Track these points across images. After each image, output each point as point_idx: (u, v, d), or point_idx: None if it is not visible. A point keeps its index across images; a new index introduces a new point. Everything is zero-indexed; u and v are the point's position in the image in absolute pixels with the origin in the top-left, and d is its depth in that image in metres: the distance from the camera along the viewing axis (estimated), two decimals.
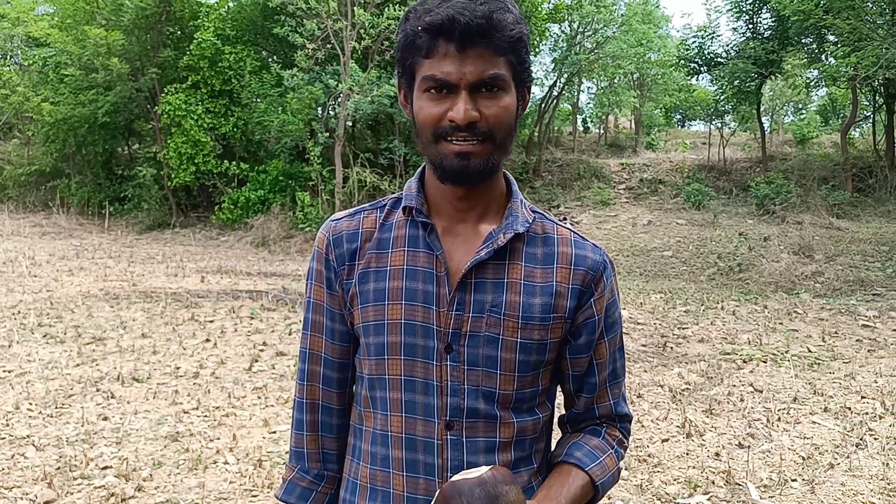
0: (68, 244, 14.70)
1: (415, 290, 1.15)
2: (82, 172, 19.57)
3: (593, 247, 1.22)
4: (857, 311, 8.65)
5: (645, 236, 14.90)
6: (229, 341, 6.93)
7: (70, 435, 4.45)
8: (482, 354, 1.13)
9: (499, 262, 1.16)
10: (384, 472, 1.17)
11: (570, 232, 1.22)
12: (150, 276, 10.90)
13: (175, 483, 3.83)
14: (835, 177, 17.21)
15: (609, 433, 1.26)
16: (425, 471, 1.15)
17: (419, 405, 1.15)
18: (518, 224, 1.17)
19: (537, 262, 1.17)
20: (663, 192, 18.84)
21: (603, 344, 1.22)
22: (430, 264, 1.16)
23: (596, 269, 1.19)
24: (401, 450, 1.16)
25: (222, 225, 17.06)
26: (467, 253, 1.16)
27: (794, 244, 12.45)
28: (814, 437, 4.60)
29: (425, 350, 1.14)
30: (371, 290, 1.18)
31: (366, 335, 1.19)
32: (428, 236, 1.17)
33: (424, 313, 1.15)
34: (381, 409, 1.18)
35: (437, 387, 1.13)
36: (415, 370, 1.15)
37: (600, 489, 1.18)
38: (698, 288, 10.68)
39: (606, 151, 24.02)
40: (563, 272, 1.17)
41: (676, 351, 6.82)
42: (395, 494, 1.16)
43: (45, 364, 5.96)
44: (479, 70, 1.07)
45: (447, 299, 1.14)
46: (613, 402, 1.26)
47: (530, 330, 1.14)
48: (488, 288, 1.15)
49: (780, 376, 5.93)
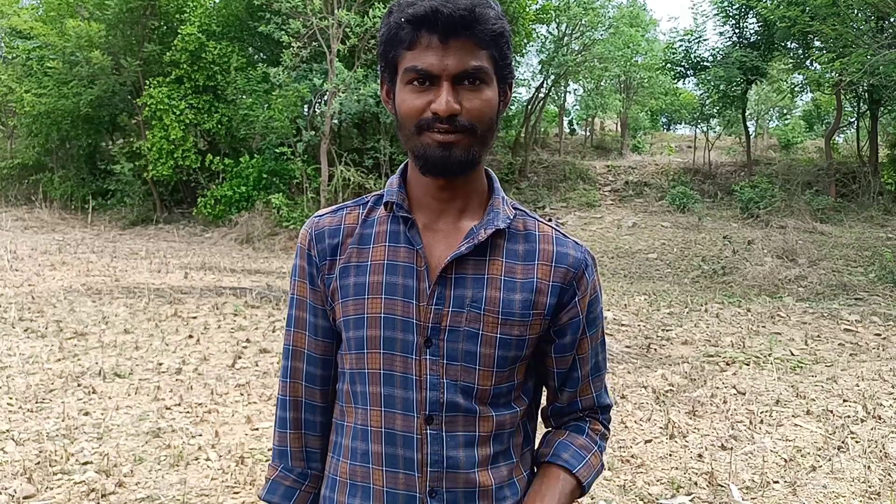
0: (51, 238, 14.53)
1: (395, 284, 1.15)
2: (65, 166, 19.36)
3: (575, 244, 1.22)
4: (839, 315, 8.73)
5: (630, 238, 14.96)
6: (212, 338, 6.88)
7: (50, 430, 4.39)
8: (461, 349, 1.13)
9: (479, 257, 1.16)
10: (364, 467, 1.17)
11: (551, 229, 1.22)
12: (132, 272, 10.80)
13: (156, 479, 3.79)
14: (819, 182, 17.38)
15: (592, 428, 1.29)
16: (405, 465, 1.14)
17: (398, 399, 1.14)
18: (499, 220, 1.16)
19: (518, 258, 1.17)
20: (648, 195, 18.94)
21: (585, 340, 1.23)
22: (410, 259, 1.16)
23: (577, 266, 1.19)
24: (380, 444, 1.15)
25: (206, 221, 16.94)
26: (448, 248, 1.16)
27: (777, 248, 12.55)
28: (796, 440, 4.64)
29: (404, 344, 1.14)
30: (351, 285, 1.18)
31: (346, 329, 1.19)
32: (408, 231, 1.17)
33: (404, 307, 1.14)
34: (362, 404, 1.17)
35: (417, 381, 1.13)
36: (394, 364, 1.14)
37: (586, 488, 1.23)
38: (682, 290, 10.74)
39: (592, 153, 24.12)
40: (543, 269, 1.17)
41: (660, 353, 6.85)
42: (375, 489, 1.15)
43: (26, 358, 5.89)
44: (462, 62, 1.07)
45: (427, 294, 1.14)
46: (596, 394, 1.28)
47: (510, 325, 1.14)
48: (468, 283, 1.14)
49: (762, 379, 5.97)
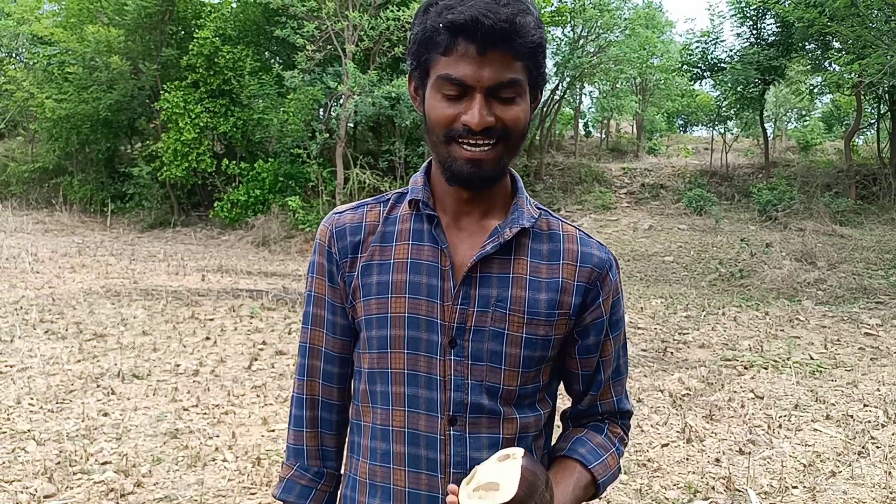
0: (70, 241, 14.70)
1: (419, 283, 1.14)
2: (85, 170, 19.58)
3: (598, 245, 1.21)
4: (859, 319, 8.63)
5: (646, 241, 14.89)
6: (229, 340, 6.92)
7: (70, 430, 4.44)
8: (487, 349, 1.12)
9: (504, 256, 1.15)
10: (384, 467, 1.16)
11: (574, 229, 1.22)
12: (151, 274, 10.89)
13: (174, 480, 3.82)
14: (838, 184, 17.20)
15: (611, 430, 1.26)
16: (427, 466, 1.13)
17: (422, 400, 1.13)
18: (524, 219, 1.16)
19: (543, 257, 1.17)
20: (665, 197, 18.83)
21: (609, 342, 1.22)
22: (434, 258, 1.15)
23: (602, 266, 1.18)
24: (403, 444, 1.14)
25: (223, 224, 17.06)
26: (472, 247, 1.15)
27: (796, 251, 12.43)
28: (815, 445, 4.59)
29: (429, 344, 1.13)
30: (374, 283, 1.17)
31: (368, 328, 1.18)
32: (434, 230, 1.16)
33: (429, 307, 1.13)
34: (382, 404, 1.16)
35: (441, 381, 1.12)
36: (418, 364, 1.14)
37: (601, 487, 1.19)
38: (699, 293, 10.67)
39: (608, 156, 24.02)
40: (568, 269, 1.16)
41: (677, 356, 6.80)
42: (396, 490, 1.15)
43: (47, 360, 5.96)
44: (497, 75, 1.05)
45: (452, 293, 1.13)
46: (616, 398, 1.26)
47: (535, 325, 1.13)
48: (493, 282, 1.13)
49: (781, 383, 5.91)
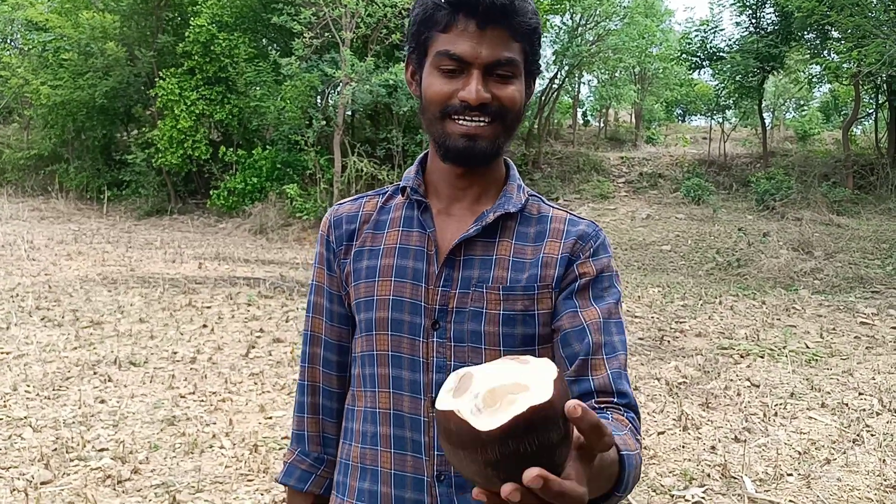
0: (67, 229, 14.66)
1: (405, 267, 1.16)
2: (81, 157, 19.51)
3: (589, 223, 1.20)
4: (855, 308, 8.65)
5: (644, 230, 14.89)
6: (226, 327, 6.92)
7: (67, 417, 4.44)
8: (467, 330, 1.12)
9: (488, 239, 1.15)
10: (373, 449, 1.16)
11: (565, 213, 1.21)
12: (147, 262, 10.88)
13: (171, 466, 3.82)
14: (836, 173, 17.20)
15: (616, 418, 1.05)
16: (413, 448, 1.13)
17: (406, 381, 1.14)
18: (510, 204, 1.16)
19: (529, 240, 1.16)
20: (663, 187, 18.82)
21: (594, 309, 1.11)
22: (421, 243, 1.17)
23: (586, 238, 1.16)
24: (389, 426, 1.15)
25: (220, 212, 17.02)
26: (458, 231, 1.16)
27: (793, 240, 12.45)
28: (810, 433, 4.61)
29: (412, 326, 1.14)
30: (364, 268, 1.19)
31: (358, 312, 1.20)
32: (421, 215, 1.18)
33: (413, 290, 1.14)
34: (370, 387, 1.17)
35: (424, 363, 1.12)
36: (401, 346, 1.14)
37: (626, 463, 0.90)
38: (696, 282, 10.68)
39: (606, 145, 23.98)
40: (552, 245, 1.16)
41: (673, 345, 6.82)
42: (383, 472, 1.15)
43: (43, 347, 5.95)
44: (495, 52, 1.07)
45: (435, 276, 1.14)
46: (612, 373, 1.09)
47: (513, 301, 1.12)
48: (476, 265, 1.14)
49: (777, 372, 5.93)
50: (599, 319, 1.12)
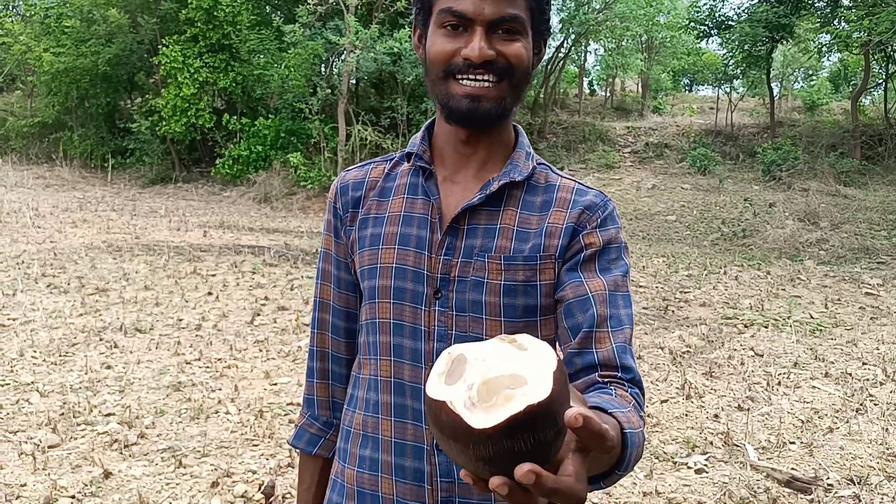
0: (71, 196, 14.66)
1: (409, 235, 1.14)
2: (85, 125, 19.41)
3: (597, 192, 1.17)
4: (860, 279, 8.63)
5: (649, 200, 14.82)
6: (231, 295, 6.94)
7: (74, 382, 4.48)
8: (469, 299, 1.10)
9: (493, 208, 1.13)
10: (374, 417, 1.16)
11: (574, 182, 1.18)
12: (152, 230, 10.89)
13: (177, 431, 3.86)
14: (843, 144, 17.05)
15: (620, 394, 1.01)
16: (413, 416, 1.13)
17: (407, 349, 1.13)
18: (516, 172, 1.13)
19: (535, 209, 1.14)
20: (669, 157, 18.70)
21: (598, 280, 1.08)
22: (425, 210, 1.15)
23: (593, 208, 1.13)
24: (389, 394, 1.14)
25: (224, 180, 16.98)
26: (463, 199, 1.14)
27: (799, 211, 12.39)
28: (814, 402, 4.62)
29: (414, 295, 1.13)
30: (368, 235, 1.18)
31: (362, 279, 1.19)
32: (426, 182, 1.16)
33: (416, 258, 1.13)
34: (373, 354, 1.17)
35: (425, 332, 1.11)
36: (403, 314, 1.13)
37: (629, 440, 0.88)
38: (701, 253, 10.66)
39: (612, 114, 23.77)
40: (557, 214, 1.13)
41: (678, 314, 6.82)
42: (384, 440, 1.15)
43: (49, 313, 5.98)
44: (499, 9, 1.04)
45: (438, 244, 1.13)
46: (616, 347, 1.05)
47: (514, 271, 1.10)
48: (479, 233, 1.12)
49: (781, 341, 5.94)
50: (605, 291, 1.08)
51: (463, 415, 0.61)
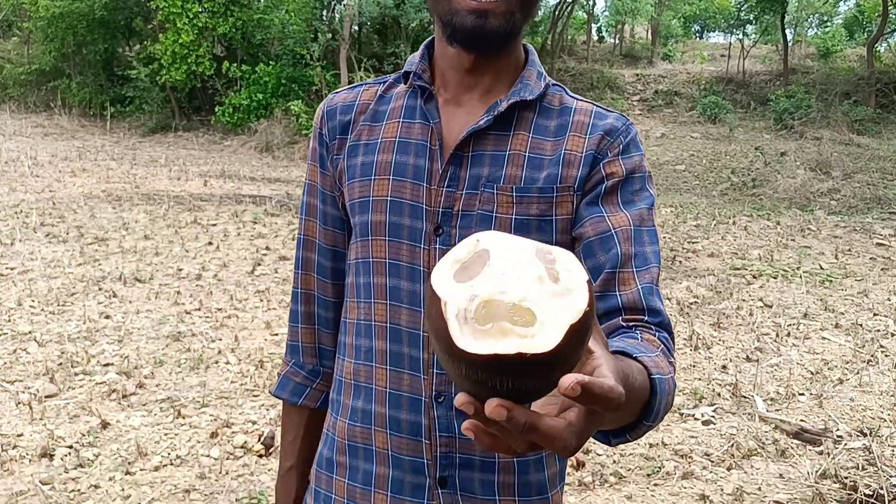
0: (70, 145, 14.47)
1: (405, 164, 1.02)
2: (83, 73, 19.07)
3: (618, 116, 1.05)
4: (872, 230, 8.49)
5: (658, 149, 14.58)
6: (232, 245, 6.85)
7: (72, 332, 4.42)
8: None
9: (501, 132, 1.00)
10: (367, 366, 1.06)
11: (591, 104, 1.05)
12: (152, 179, 10.75)
13: (176, 381, 3.80)
14: (858, 92, 16.67)
15: (646, 338, 0.91)
16: (410, 365, 1.02)
17: (404, 292, 1.02)
18: (526, 91, 1.01)
19: (549, 133, 1.01)
20: (678, 105, 18.36)
21: (622, 215, 0.98)
22: (424, 136, 1.02)
23: (614, 133, 1.01)
24: (385, 341, 1.03)
25: (225, 129, 16.73)
26: (467, 123, 1.01)
27: (811, 160, 12.16)
28: (823, 353, 4.54)
29: (412, 231, 1.01)
30: (358, 165, 1.05)
31: (352, 214, 1.07)
32: (425, 105, 1.03)
33: (413, 190, 1.01)
34: (365, 297, 1.06)
35: (424, 273, 1.00)
36: (400, 253, 1.02)
37: (657, 386, 0.77)
38: (710, 203, 10.50)
39: (621, 62, 23.28)
40: (575, 140, 1.01)
41: (686, 265, 6.72)
42: (378, 390, 1.04)
43: (48, 263, 5.91)
44: None
45: (439, 175, 1.00)
46: (643, 288, 0.95)
47: (527, 204, 0.98)
48: (486, 161, 1.00)
49: (790, 292, 5.84)
50: (630, 227, 0.98)
51: (450, 324, 0.53)
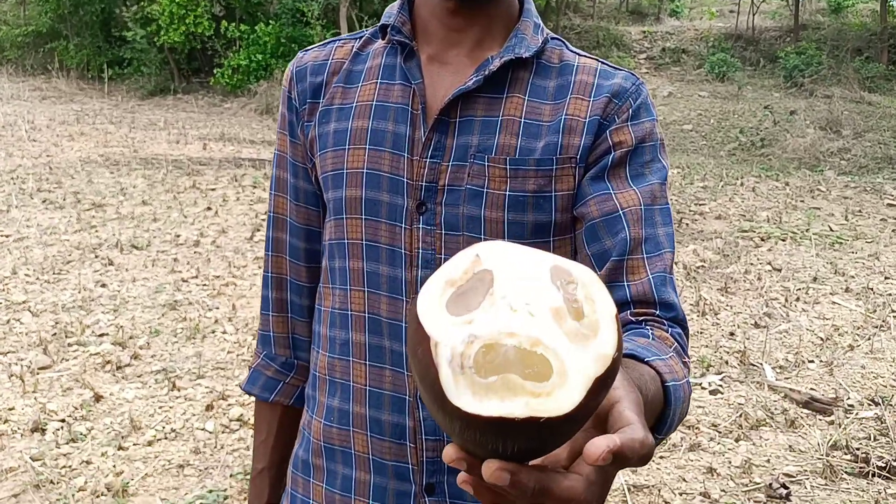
0: (68, 109, 14.29)
1: (383, 131, 0.89)
2: (80, 34, 18.77)
3: (626, 74, 0.91)
4: (883, 190, 8.33)
5: (664, 108, 14.31)
6: (231, 210, 6.74)
7: (67, 301, 4.35)
8: (462, 214, 0.87)
9: (493, 95, 0.88)
10: (343, 360, 0.94)
11: (596, 61, 0.92)
12: (151, 143, 10.60)
13: (172, 352, 3.74)
14: (870, 48, 16.30)
15: (658, 335, 0.81)
16: (392, 360, 0.91)
17: (383, 278, 0.90)
18: (521, 47, 0.88)
19: (547, 96, 0.89)
20: (686, 63, 18.01)
21: (631, 192, 0.86)
22: (405, 99, 0.90)
23: (623, 95, 0.88)
24: (363, 333, 0.92)
25: (225, 91, 16.49)
26: (453, 84, 0.89)
27: (821, 119, 11.92)
28: (834, 318, 4.45)
29: (392, 208, 0.89)
30: (331, 132, 0.93)
31: (325, 189, 0.95)
32: (405, 63, 0.90)
33: (393, 161, 0.89)
34: (340, 283, 0.94)
35: (406, 256, 0.89)
36: (378, 234, 0.90)
37: (671, 395, 0.69)
38: (718, 163, 10.33)
39: (627, 18, 22.81)
40: (577, 103, 0.88)
41: (692, 227, 6.60)
42: (356, 388, 0.93)
43: (44, 230, 5.82)
44: None
45: (422, 143, 0.88)
46: (654, 278, 0.84)
47: (523, 178, 0.86)
48: (476, 128, 0.87)
49: (799, 255, 5.72)
50: (640, 206, 0.86)
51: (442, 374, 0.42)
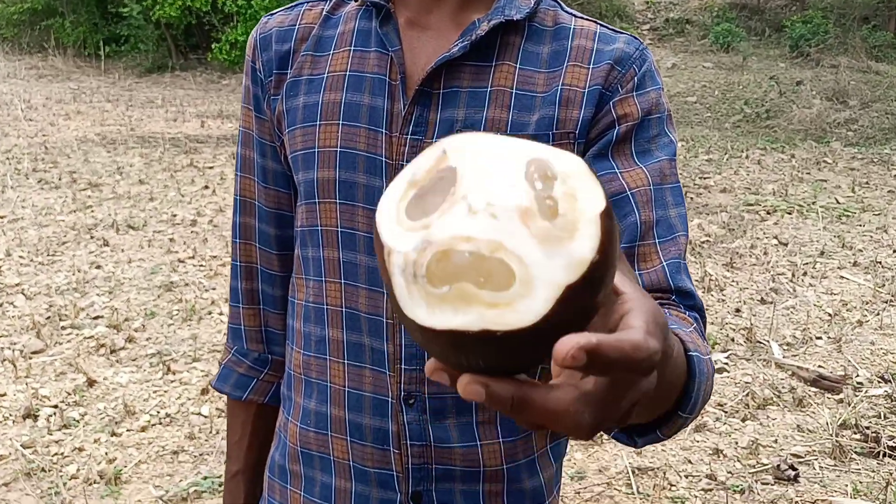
0: (65, 87, 14.15)
1: (358, 105, 0.80)
2: (76, 11, 18.56)
3: (629, 38, 0.82)
4: (890, 161, 8.20)
5: (668, 80, 14.11)
6: (229, 188, 6.64)
7: (61, 283, 4.28)
8: None
9: (481, 63, 0.79)
10: (320, 359, 0.86)
11: (595, 24, 0.83)
12: (148, 121, 10.49)
13: (167, 334, 3.67)
14: (877, 16, 16.04)
15: (676, 315, 0.75)
16: (372, 359, 0.83)
17: (361, 269, 0.82)
18: (511, 8, 0.78)
19: (541, 63, 0.79)
20: (690, 33, 17.74)
21: (638, 171, 0.79)
22: (382, 69, 0.80)
23: (626, 61, 0.79)
24: (340, 329, 0.84)
25: (223, 67, 16.30)
26: (436, 51, 0.79)
27: (827, 89, 11.74)
28: (842, 293, 4.36)
29: (368, 192, 0.80)
30: (300, 107, 0.83)
31: (295, 170, 0.85)
32: (381, 27, 0.80)
33: (369, 138, 0.79)
34: (315, 274, 0.85)
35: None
36: (355, 220, 0.81)
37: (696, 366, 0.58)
38: (722, 136, 10.19)
39: None
40: (575, 71, 0.79)
41: (697, 201, 6.50)
42: (334, 389, 0.86)
43: (39, 210, 5.74)
44: None
45: (402, 118, 0.79)
46: (668, 265, 0.76)
47: None
48: (462, 100, 0.78)
49: (806, 228, 5.63)
50: (649, 186, 0.78)
51: (395, 283, 0.37)
